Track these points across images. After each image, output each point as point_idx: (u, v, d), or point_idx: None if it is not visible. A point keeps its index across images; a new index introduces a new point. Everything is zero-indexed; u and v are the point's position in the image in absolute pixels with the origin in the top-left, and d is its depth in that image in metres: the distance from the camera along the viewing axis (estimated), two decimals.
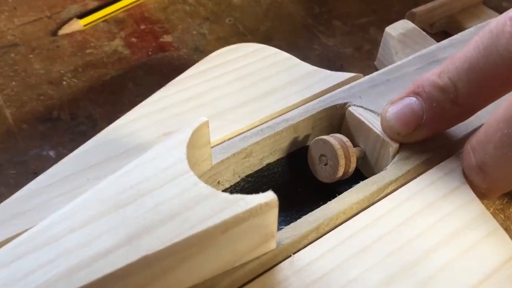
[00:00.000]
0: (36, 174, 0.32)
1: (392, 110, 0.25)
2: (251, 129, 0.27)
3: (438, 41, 0.37)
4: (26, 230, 0.22)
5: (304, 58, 0.38)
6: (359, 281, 0.20)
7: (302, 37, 0.42)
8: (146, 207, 0.19)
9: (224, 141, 0.26)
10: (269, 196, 0.19)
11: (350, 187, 0.25)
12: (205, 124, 0.22)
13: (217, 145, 0.25)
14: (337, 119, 0.28)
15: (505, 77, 0.23)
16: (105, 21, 0.43)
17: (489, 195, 0.25)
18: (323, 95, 0.28)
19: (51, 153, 0.33)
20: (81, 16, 0.42)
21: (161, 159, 0.20)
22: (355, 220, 0.23)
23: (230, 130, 0.26)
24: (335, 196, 0.24)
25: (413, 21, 0.40)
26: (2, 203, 0.23)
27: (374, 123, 0.26)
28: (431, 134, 0.25)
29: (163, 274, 0.18)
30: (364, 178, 0.27)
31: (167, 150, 0.21)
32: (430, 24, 0.42)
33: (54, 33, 0.42)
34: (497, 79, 0.23)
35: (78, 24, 0.41)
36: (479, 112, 0.25)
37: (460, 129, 0.26)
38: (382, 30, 0.43)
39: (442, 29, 0.43)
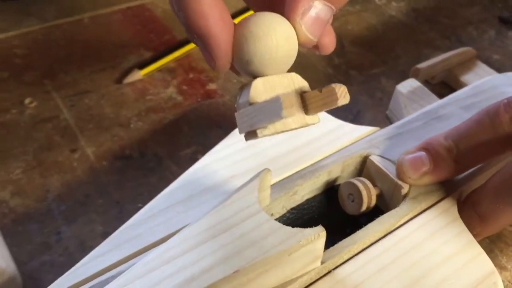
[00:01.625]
0: (118, 203, 0.40)
1: (407, 159, 0.33)
2: (296, 173, 0.35)
3: (438, 90, 0.46)
4: (139, 250, 0.30)
5: None
6: None
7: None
8: (234, 236, 0.27)
9: (275, 183, 0.34)
10: (319, 230, 0.28)
11: (371, 218, 0.33)
12: (269, 173, 0.30)
13: (271, 185, 0.34)
14: (360, 164, 0.36)
15: (496, 147, 0.31)
16: (160, 70, 0.51)
17: (481, 235, 0.33)
18: (349, 145, 0.37)
19: (130, 185, 0.41)
20: (140, 66, 0.50)
21: (240, 202, 0.29)
22: (377, 245, 0.31)
23: (280, 174, 0.35)
24: (360, 226, 0.32)
25: (417, 75, 0.48)
26: (116, 231, 0.31)
27: (390, 170, 0.34)
28: (434, 181, 0.33)
29: (247, 283, 0.26)
30: (380, 211, 0.35)
31: (244, 194, 0.29)
32: (432, 77, 0.50)
33: (118, 81, 0.50)
34: (489, 147, 0.31)
35: (139, 74, 0.50)
36: None
37: (454, 178, 0.34)
38: (391, 79, 0.51)
39: (441, 80, 0.51)
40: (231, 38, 0.24)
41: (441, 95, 0.50)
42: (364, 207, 0.34)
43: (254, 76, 0.25)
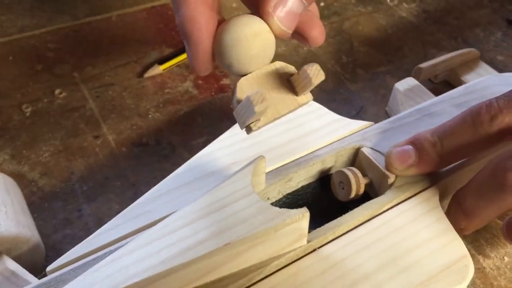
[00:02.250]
0: (134, 185, 0.44)
1: (395, 152, 0.36)
2: (292, 161, 0.38)
3: (440, 89, 0.48)
4: (146, 225, 0.34)
5: (332, 100, 0.50)
6: (362, 266, 0.32)
7: (331, 83, 0.54)
8: (227, 214, 0.31)
9: (273, 170, 0.37)
10: (304, 211, 0.31)
11: (359, 205, 0.36)
12: (263, 160, 0.34)
13: (268, 172, 0.37)
14: (353, 155, 0.39)
15: (477, 144, 0.34)
16: (178, 66, 0.55)
17: (467, 230, 0.36)
18: (344, 137, 0.40)
19: (145, 169, 0.45)
20: (161, 62, 0.55)
21: (235, 184, 0.32)
22: (361, 228, 0.34)
23: (277, 162, 0.38)
24: (348, 211, 0.35)
25: (419, 74, 0.51)
26: (128, 207, 0.35)
27: (379, 161, 0.37)
28: (418, 173, 0.36)
29: (237, 256, 0.30)
30: (370, 198, 0.38)
31: (239, 178, 0.33)
32: (435, 76, 0.52)
33: (140, 75, 0.54)
34: (471, 145, 0.34)
35: (159, 69, 0.54)
36: None
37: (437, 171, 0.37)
38: (396, 77, 0.54)
39: (444, 79, 0.53)
40: (210, 46, 0.27)
41: (442, 94, 0.52)
42: (353, 194, 0.37)
43: (240, 75, 0.28)
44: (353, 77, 0.54)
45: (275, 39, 0.28)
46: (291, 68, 0.29)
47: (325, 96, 0.50)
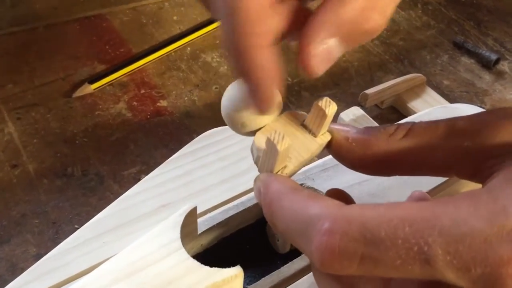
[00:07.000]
0: (55, 223, 0.40)
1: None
2: (229, 200, 0.35)
3: (386, 116, 0.47)
4: (60, 282, 0.30)
5: None
6: None
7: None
8: (151, 275, 0.27)
9: (207, 214, 0.34)
10: (238, 270, 0.28)
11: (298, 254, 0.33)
12: (195, 209, 0.31)
13: (203, 215, 0.34)
14: None
15: None
16: (111, 84, 0.51)
17: None
18: None
19: (67, 205, 0.41)
20: (92, 80, 0.50)
21: (161, 238, 0.29)
22: (301, 280, 0.31)
23: (213, 203, 0.35)
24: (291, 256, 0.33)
25: (366, 100, 0.49)
26: (41, 259, 0.31)
27: None
28: None
29: None
30: None
31: (165, 230, 0.29)
32: (381, 101, 0.51)
33: (68, 94, 0.50)
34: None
35: (89, 88, 0.50)
36: None
37: None
38: (342, 102, 0.52)
39: (390, 104, 0.52)
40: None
41: (389, 120, 0.51)
42: (287, 249, 0.34)
43: (254, 131, 0.26)
44: (298, 100, 0.52)
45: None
46: (302, 114, 0.27)
47: None
